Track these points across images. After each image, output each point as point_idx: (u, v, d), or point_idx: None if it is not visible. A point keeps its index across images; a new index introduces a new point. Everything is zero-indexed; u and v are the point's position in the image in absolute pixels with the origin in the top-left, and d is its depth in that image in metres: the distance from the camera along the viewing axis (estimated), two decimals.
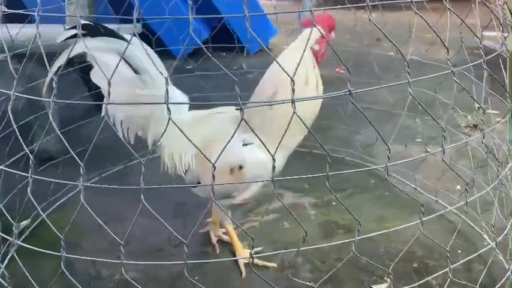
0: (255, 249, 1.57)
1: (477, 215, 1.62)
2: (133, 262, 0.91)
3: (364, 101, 2.56)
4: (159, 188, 1.52)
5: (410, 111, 2.46)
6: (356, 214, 1.09)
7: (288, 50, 1.32)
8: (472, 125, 2.70)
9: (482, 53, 1.07)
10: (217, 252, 1.60)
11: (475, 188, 1.68)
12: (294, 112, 0.75)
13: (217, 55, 3.65)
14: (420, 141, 2.45)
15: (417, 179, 1.95)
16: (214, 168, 0.83)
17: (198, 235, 1.66)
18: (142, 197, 0.81)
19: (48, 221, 1.00)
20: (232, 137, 0.86)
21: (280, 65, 0.81)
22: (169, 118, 0.82)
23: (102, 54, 1.28)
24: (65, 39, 1.23)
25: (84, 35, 1.24)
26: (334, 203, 1.89)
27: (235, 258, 1.53)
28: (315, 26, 1.12)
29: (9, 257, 1.52)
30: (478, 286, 1.26)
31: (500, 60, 1.32)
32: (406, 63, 0.82)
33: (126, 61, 1.33)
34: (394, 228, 1.12)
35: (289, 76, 0.75)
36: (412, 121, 2.65)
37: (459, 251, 1.60)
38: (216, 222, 1.64)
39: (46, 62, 1.04)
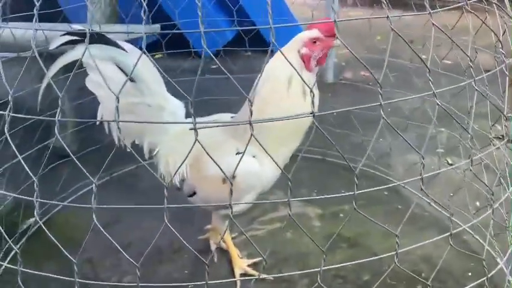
0: (253, 260, 1.55)
1: (491, 236, 1.52)
2: (88, 281, 0.89)
3: (388, 107, 2.47)
4: (163, 192, 1.50)
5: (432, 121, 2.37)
6: (364, 228, 1.04)
7: (274, 57, 1.26)
8: (501, 136, 2.56)
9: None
10: (215, 260, 1.57)
11: (488, 206, 1.58)
12: (251, 134, 0.71)
13: (242, 55, 3.63)
14: (442, 151, 2.34)
15: (431, 194, 1.86)
16: None
17: (198, 242, 1.65)
18: (94, 216, 0.78)
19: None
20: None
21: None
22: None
23: (97, 62, 1.27)
24: (59, 46, 1.23)
25: (78, 42, 1.24)
26: (341, 215, 1.83)
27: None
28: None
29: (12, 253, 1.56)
30: None
31: None
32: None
33: (121, 69, 1.32)
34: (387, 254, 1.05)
35: (247, 97, 0.71)
36: (434, 131, 2.53)
37: (469, 274, 1.52)
38: (215, 230, 1.61)
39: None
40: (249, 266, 1.52)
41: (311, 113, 0.72)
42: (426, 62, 0.92)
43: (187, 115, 1.45)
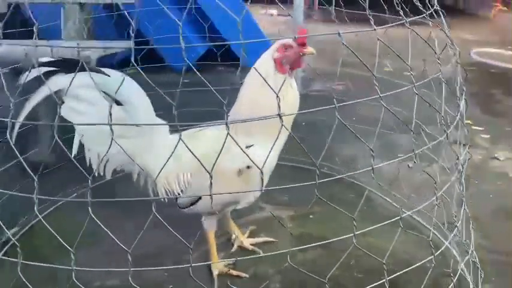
0: (229, 261, 1.64)
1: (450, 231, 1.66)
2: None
3: (353, 116, 2.64)
4: (148, 202, 1.57)
5: (399, 128, 2.54)
6: (333, 227, 1.15)
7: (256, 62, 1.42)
8: (454, 141, 2.75)
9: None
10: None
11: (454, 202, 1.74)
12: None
13: (214, 69, 3.75)
14: (402, 156, 2.50)
15: (395, 194, 2.01)
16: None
17: (182, 244, 1.72)
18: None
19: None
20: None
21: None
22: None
23: (78, 89, 1.32)
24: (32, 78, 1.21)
25: (56, 72, 1.28)
26: (311, 216, 1.95)
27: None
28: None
29: None
30: None
31: None
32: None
33: (106, 94, 1.37)
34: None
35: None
36: (398, 136, 2.70)
37: (433, 264, 1.64)
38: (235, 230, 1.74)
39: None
40: (225, 265, 1.61)
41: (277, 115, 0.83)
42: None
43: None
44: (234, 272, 1.57)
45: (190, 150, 0.99)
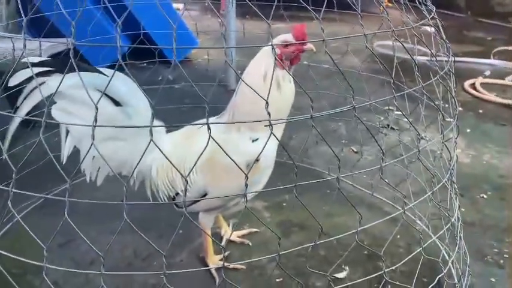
0: (223, 254, 1.66)
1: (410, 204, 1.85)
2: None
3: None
4: (113, 206, 1.53)
5: (334, 116, 2.74)
6: (306, 212, 1.22)
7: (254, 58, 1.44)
8: (386, 125, 3.04)
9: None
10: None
11: (408, 180, 1.94)
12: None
13: (137, 65, 3.63)
14: (345, 142, 2.71)
15: (352, 178, 2.18)
16: None
17: (165, 247, 1.69)
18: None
19: None
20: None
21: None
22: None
23: (75, 90, 1.25)
24: (24, 80, 1.16)
25: (51, 72, 1.20)
26: (284, 204, 2.04)
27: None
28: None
29: None
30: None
31: None
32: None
33: (105, 94, 1.27)
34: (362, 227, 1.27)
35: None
36: (335, 124, 2.91)
37: (398, 236, 1.83)
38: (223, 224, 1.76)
39: None
40: (220, 260, 1.63)
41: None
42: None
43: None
44: (231, 265, 1.60)
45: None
